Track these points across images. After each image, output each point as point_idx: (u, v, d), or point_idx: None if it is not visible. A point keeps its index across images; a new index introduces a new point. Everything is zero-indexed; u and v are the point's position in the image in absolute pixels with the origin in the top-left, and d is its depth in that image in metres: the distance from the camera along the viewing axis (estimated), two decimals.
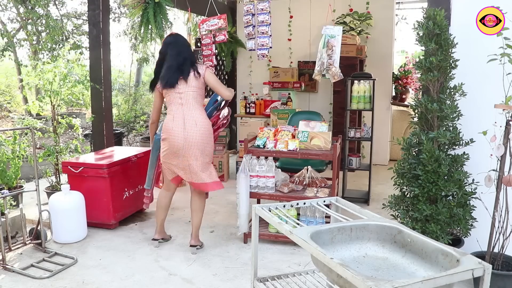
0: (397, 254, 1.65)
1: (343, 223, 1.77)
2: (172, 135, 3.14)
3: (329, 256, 1.40)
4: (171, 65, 3.22)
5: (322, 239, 1.66)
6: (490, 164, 2.66)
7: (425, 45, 2.77)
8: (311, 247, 1.49)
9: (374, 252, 1.70)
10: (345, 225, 1.75)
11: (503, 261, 2.66)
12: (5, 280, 2.91)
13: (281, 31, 6.25)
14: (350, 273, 1.27)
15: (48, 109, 4.34)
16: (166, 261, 3.21)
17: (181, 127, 3.14)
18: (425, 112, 2.79)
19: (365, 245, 1.72)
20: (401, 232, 1.66)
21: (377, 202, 4.49)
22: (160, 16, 4.07)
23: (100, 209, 3.72)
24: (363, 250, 1.71)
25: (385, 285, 1.21)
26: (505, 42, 2.49)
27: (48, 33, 7.35)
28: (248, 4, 3.92)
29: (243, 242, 3.51)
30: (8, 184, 3.99)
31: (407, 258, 1.60)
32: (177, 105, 3.19)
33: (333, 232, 1.72)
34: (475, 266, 1.37)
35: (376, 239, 1.72)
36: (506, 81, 2.60)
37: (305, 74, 6.36)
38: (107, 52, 4.54)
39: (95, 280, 2.91)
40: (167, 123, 3.18)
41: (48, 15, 7.38)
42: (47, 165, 4.71)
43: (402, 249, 1.64)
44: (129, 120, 9.17)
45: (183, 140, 3.13)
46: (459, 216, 2.71)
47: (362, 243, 1.73)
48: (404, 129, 6.21)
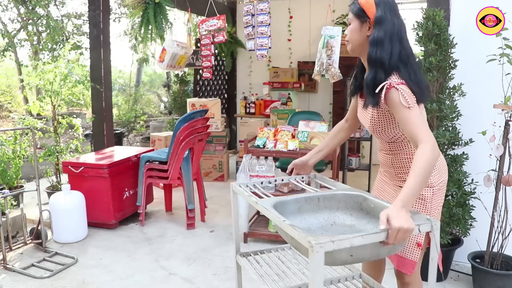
0: (363, 220, 1.67)
1: (311, 194, 1.77)
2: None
3: (282, 219, 1.43)
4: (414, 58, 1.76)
5: (289, 209, 1.69)
6: (489, 164, 2.66)
7: (424, 45, 2.78)
8: (270, 214, 1.52)
9: (342, 220, 1.71)
10: (313, 195, 1.75)
11: (502, 260, 2.67)
12: (5, 279, 2.92)
13: (281, 32, 6.26)
14: (296, 232, 1.30)
15: (49, 109, 4.35)
16: (166, 261, 3.22)
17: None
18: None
19: (334, 214, 1.74)
20: (366, 199, 1.68)
21: None
22: (160, 16, 4.08)
23: (101, 209, 3.73)
24: (331, 219, 1.72)
25: (323, 239, 1.23)
26: (504, 43, 2.49)
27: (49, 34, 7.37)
28: (248, 5, 3.93)
29: (243, 242, 3.52)
30: (9, 184, 4.00)
31: (372, 223, 1.62)
32: None
33: (300, 202, 1.73)
34: (423, 222, 1.41)
35: (344, 208, 1.73)
36: (505, 81, 2.61)
37: (305, 74, 6.37)
38: (107, 52, 4.55)
39: (95, 280, 2.92)
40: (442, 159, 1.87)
41: (49, 16, 7.40)
42: (48, 165, 4.72)
43: (367, 215, 1.66)
44: (129, 120, 9.19)
45: None
46: (458, 216, 2.72)
47: (330, 212, 1.74)
48: None
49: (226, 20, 4.26)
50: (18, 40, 7.91)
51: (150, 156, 3.96)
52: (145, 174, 3.91)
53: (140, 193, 3.95)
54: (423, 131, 1.53)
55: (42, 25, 7.61)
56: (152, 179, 3.95)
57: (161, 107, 11.91)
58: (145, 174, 3.91)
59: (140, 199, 3.94)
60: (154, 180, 3.97)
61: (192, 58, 5.58)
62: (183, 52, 4.52)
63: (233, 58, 6.78)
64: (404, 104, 1.56)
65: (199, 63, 5.43)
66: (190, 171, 3.88)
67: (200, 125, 4.00)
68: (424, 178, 1.46)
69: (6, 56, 7.76)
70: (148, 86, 13.33)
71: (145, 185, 3.94)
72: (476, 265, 2.67)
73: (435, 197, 1.78)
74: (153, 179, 3.96)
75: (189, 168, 3.86)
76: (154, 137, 5.68)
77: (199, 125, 3.98)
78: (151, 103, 11.86)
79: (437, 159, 1.51)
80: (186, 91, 8.03)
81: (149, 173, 3.92)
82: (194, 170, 4.04)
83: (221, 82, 7.01)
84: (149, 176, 3.93)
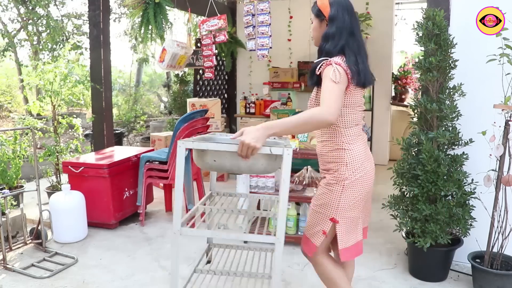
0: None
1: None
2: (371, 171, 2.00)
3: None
4: (363, 44, 1.99)
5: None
6: (489, 164, 2.67)
7: (424, 45, 2.78)
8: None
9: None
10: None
11: (502, 260, 2.67)
12: (5, 279, 2.92)
13: (281, 32, 6.26)
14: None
15: (49, 109, 4.35)
16: (166, 261, 3.22)
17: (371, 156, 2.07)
18: (425, 112, 2.80)
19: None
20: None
21: (377, 202, 4.48)
22: (160, 16, 4.08)
23: (101, 209, 3.73)
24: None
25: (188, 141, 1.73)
26: (504, 43, 2.49)
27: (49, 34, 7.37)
28: (248, 5, 3.93)
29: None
30: (9, 184, 4.00)
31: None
32: (360, 124, 2.05)
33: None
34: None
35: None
36: (505, 81, 2.61)
37: (305, 74, 6.37)
38: (107, 52, 4.55)
39: (95, 280, 2.92)
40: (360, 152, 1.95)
41: (49, 16, 7.40)
42: (48, 165, 4.72)
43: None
44: (129, 120, 9.20)
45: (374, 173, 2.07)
46: (458, 216, 2.72)
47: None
48: (403, 129, 6.21)
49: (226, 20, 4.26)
50: (18, 40, 7.92)
51: (150, 156, 3.96)
52: (145, 174, 3.91)
53: (140, 193, 3.95)
54: (331, 101, 1.75)
55: (42, 25, 7.61)
56: (152, 179, 3.96)
57: (161, 107, 11.91)
58: (145, 174, 3.92)
59: (140, 199, 3.95)
60: (154, 180, 3.97)
61: (192, 58, 5.58)
62: (183, 52, 4.52)
63: (233, 58, 6.78)
64: (332, 78, 1.78)
65: (199, 63, 5.43)
66: (190, 171, 3.88)
67: (200, 125, 4.00)
68: (298, 124, 1.72)
69: (6, 56, 7.75)
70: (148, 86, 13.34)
71: (145, 185, 3.94)
72: (476, 265, 2.67)
73: (345, 192, 1.90)
74: (153, 179, 3.96)
75: (189, 168, 3.87)
76: (154, 137, 5.68)
77: (199, 125, 3.99)
78: (151, 103, 11.87)
79: (321, 122, 1.72)
80: (186, 91, 8.03)
81: (149, 173, 3.93)
82: (194, 170, 4.04)
83: (221, 82, 7.01)
84: (149, 176, 3.93)
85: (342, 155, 1.92)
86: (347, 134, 1.94)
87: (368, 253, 3.33)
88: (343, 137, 1.93)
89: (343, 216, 1.92)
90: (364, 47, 1.96)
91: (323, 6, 1.97)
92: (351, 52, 1.88)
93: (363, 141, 2.01)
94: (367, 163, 1.96)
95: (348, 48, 1.89)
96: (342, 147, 1.92)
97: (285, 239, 3.48)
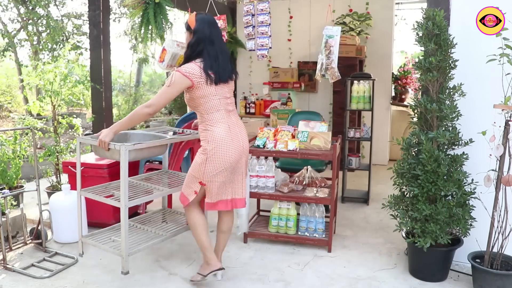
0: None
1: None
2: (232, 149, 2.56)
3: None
4: (223, 50, 2.58)
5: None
6: (489, 164, 2.67)
7: (424, 45, 2.78)
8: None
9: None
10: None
11: (502, 260, 2.67)
12: (5, 279, 2.92)
13: (281, 32, 6.26)
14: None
15: (49, 109, 4.35)
16: (166, 260, 3.22)
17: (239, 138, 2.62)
18: (425, 112, 2.80)
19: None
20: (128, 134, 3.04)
21: (377, 202, 4.50)
22: (160, 16, 4.08)
23: (101, 209, 3.72)
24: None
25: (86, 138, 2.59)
26: (504, 43, 2.49)
27: (49, 34, 7.37)
28: (248, 5, 3.92)
29: (243, 242, 3.52)
30: (9, 184, 4.00)
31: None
32: (226, 112, 2.59)
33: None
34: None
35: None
36: (505, 81, 2.61)
37: (305, 74, 6.37)
38: (107, 52, 4.55)
39: (95, 280, 2.92)
40: (220, 133, 2.53)
41: (49, 16, 7.40)
42: (48, 165, 4.72)
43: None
44: None
45: (241, 152, 2.63)
46: (458, 216, 2.72)
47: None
48: (403, 129, 6.21)
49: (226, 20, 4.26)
50: (18, 40, 7.91)
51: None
52: None
53: None
54: (155, 98, 2.51)
55: (42, 25, 7.61)
56: None
57: None
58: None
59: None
60: None
61: None
62: (183, 52, 4.49)
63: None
64: (166, 82, 2.49)
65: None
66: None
67: None
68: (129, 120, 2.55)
69: (6, 56, 7.75)
70: (148, 86, 13.33)
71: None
72: (476, 265, 2.67)
73: (208, 162, 2.52)
74: None
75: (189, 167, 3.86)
76: None
77: None
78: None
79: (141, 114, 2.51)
80: None
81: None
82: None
83: None
84: None
85: (206, 134, 2.55)
86: (209, 118, 2.53)
87: (368, 253, 3.33)
88: (207, 120, 2.54)
89: (209, 181, 2.56)
90: (225, 52, 2.58)
91: (191, 21, 2.59)
92: (208, 57, 2.49)
93: (227, 124, 2.56)
94: (229, 142, 2.53)
95: (206, 53, 2.49)
96: (206, 128, 2.55)
97: (285, 239, 3.49)
